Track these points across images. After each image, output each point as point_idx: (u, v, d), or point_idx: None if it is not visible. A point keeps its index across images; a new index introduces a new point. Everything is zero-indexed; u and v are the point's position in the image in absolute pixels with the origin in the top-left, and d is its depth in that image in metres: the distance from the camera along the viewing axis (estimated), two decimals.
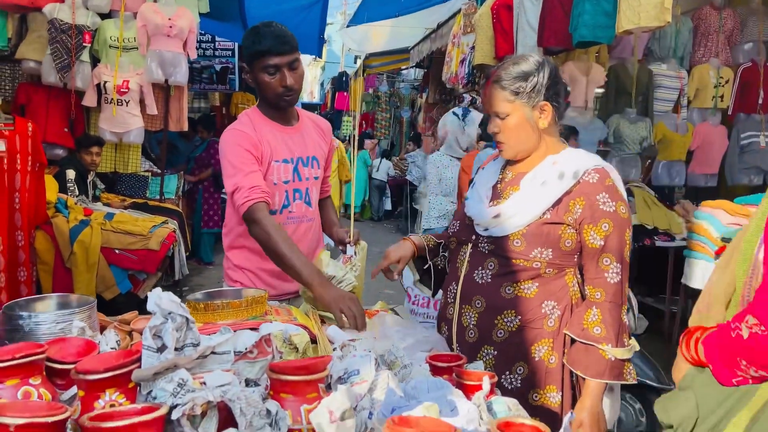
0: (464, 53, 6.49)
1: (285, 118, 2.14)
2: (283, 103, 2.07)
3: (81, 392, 0.89)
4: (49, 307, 1.52)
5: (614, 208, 1.60)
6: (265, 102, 2.10)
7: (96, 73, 5.17)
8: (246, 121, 2.09)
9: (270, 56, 1.95)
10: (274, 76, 1.98)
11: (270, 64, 1.96)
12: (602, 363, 1.57)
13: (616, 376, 1.58)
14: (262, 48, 1.95)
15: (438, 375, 1.34)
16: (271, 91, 2.01)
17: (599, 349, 1.57)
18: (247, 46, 1.99)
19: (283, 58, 1.97)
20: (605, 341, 1.57)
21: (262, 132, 2.06)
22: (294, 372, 0.89)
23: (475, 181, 1.86)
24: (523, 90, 1.63)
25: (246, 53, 2.01)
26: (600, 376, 1.57)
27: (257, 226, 1.90)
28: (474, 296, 1.71)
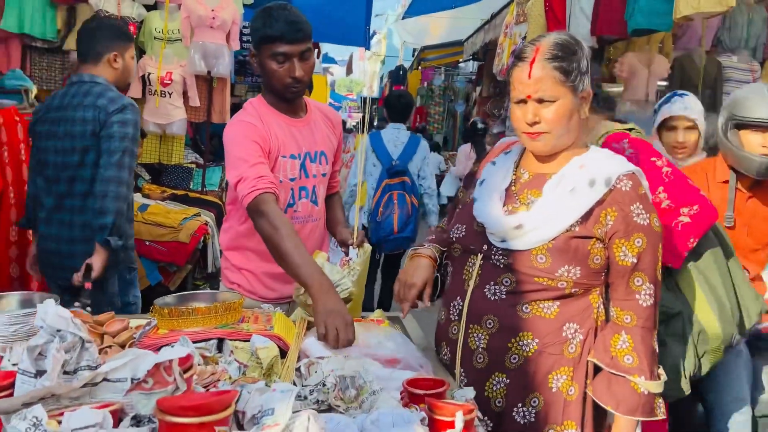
0: (516, 44, 6.20)
1: (293, 109, 2.00)
2: (288, 95, 1.93)
3: None
4: (10, 305, 1.43)
5: (648, 220, 1.39)
6: (271, 91, 1.96)
7: (141, 65, 5.21)
8: (252, 112, 1.95)
9: (280, 43, 1.80)
10: (282, 65, 1.84)
11: (279, 51, 1.81)
12: (635, 398, 1.38)
13: (648, 413, 1.39)
14: (273, 33, 1.80)
15: (415, 402, 1.16)
16: (278, 80, 1.87)
17: (631, 382, 1.37)
18: (257, 28, 1.84)
19: (294, 47, 1.82)
20: (638, 372, 1.37)
21: (269, 124, 1.93)
22: (183, 413, 0.73)
23: (485, 179, 1.61)
24: (575, 70, 1.40)
25: (254, 36, 1.86)
26: (632, 412, 1.38)
27: (264, 219, 1.72)
28: (484, 315, 1.48)
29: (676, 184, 1.96)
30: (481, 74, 9.74)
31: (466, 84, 12.25)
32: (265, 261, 1.97)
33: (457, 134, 11.89)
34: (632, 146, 2.15)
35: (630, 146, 2.16)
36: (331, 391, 1.06)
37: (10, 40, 5.10)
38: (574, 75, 1.40)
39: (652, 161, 2.03)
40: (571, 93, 1.42)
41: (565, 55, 1.40)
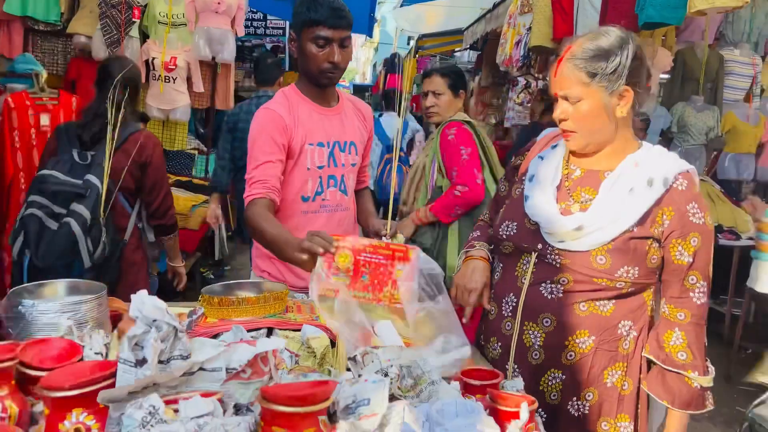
0: (520, 34, 6.19)
1: (324, 98, 2.00)
2: (324, 80, 1.93)
3: (46, 410, 0.78)
4: (57, 292, 1.43)
5: (703, 219, 1.41)
6: (306, 77, 1.97)
7: (145, 49, 5.16)
8: (281, 100, 1.97)
9: (323, 27, 1.82)
10: (323, 48, 1.85)
11: (321, 35, 1.82)
12: (689, 392, 1.41)
13: (699, 406, 1.43)
14: (317, 17, 1.81)
15: (470, 393, 1.19)
16: (316, 64, 1.88)
17: (686, 377, 1.41)
18: (300, 12, 1.84)
19: (336, 32, 1.83)
20: (692, 368, 1.40)
21: (297, 112, 1.93)
22: (289, 402, 0.75)
23: (536, 175, 1.58)
24: (602, 71, 1.39)
25: (297, 20, 1.86)
26: (686, 406, 1.42)
27: (248, 218, 1.80)
28: (541, 313, 1.49)
29: (466, 166, 2.76)
30: (479, 64, 9.72)
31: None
32: None
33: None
34: (455, 133, 2.82)
35: (454, 133, 2.82)
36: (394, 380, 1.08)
37: (12, 23, 5.04)
38: (602, 76, 1.39)
39: (459, 147, 2.79)
40: (600, 93, 1.41)
41: (593, 56, 1.39)
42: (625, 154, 1.47)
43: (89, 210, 2.34)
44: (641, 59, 1.43)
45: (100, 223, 2.36)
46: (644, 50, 1.46)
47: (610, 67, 1.39)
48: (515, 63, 6.32)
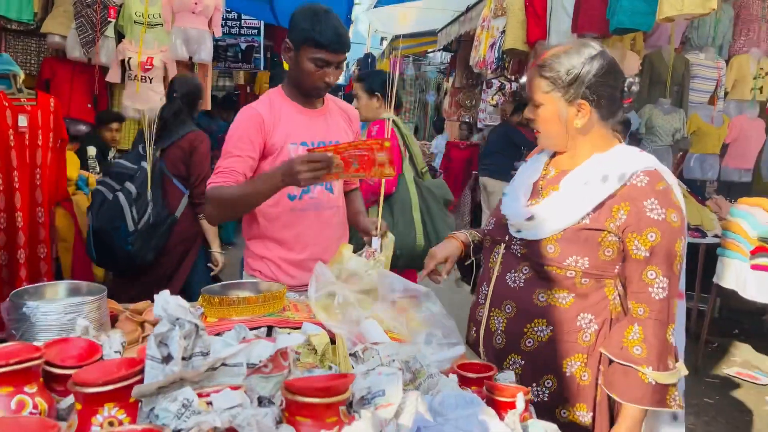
0: (494, 37, 6.31)
1: (309, 101, 2.05)
2: (314, 95, 2.02)
3: (78, 405, 0.82)
4: (58, 294, 1.46)
5: (664, 215, 1.44)
6: (294, 85, 2.02)
7: (120, 49, 5.11)
8: (264, 100, 2.04)
9: (325, 51, 1.87)
10: (320, 69, 1.91)
11: (321, 57, 1.88)
12: (641, 387, 1.42)
13: (657, 402, 1.43)
14: (321, 40, 1.85)
15: (466, 385, 1.25)
16: (310, 81, 1.94)
17: (638, 372, 1.43)
18: (304, 28, 1.87)
19: (335, 57, 1.90)
20: (645, 363, 1.42)
21: (279, 113, 1.99)
22: (313, 394, 0.80)
23: (516, 176, 1.71)
24: (561, 82, 1.48)
25: (299, 34, 1.89)
26: (638, 401, 1.43)
27: (208, 205, 1.94)
28: (505, 300, 1.59)
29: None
30: (453, 65, 9.85)
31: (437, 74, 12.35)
32: (285, 249, 2.03)
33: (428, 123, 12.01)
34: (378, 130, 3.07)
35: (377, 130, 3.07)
36: None
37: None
38: (559, 87, 1.48)
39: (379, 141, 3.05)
40: (558, 102, 1.50)
41: (556, 67, 1.49)
42: (592, 153, 1.56)
43: (136, 187, 3.17)
44: (609, 76, 1.49)
45: (147, 198, 3.15)
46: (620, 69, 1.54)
47: (568, 79, 1.48)
48: (489, 65, 6.44)
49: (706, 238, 4.77)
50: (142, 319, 1.56)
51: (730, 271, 4.12)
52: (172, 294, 0.96)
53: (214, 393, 0.81)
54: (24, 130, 3.53)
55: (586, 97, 1.49)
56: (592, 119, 1.52)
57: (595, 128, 1.55)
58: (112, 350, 1.04)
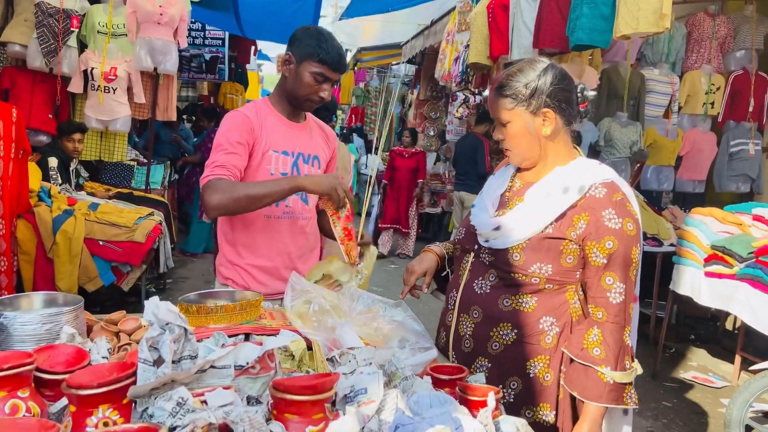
0: (458, 51, 6.45)
1: (294, 114, 2.12)
2: (306, 106, 2.09)
3: (72, 407, 0.84)
4: (34, 305, 1.46)
5: (620, 225, 1.53)
6: (285, 95, 2.08)
7: (83, 59, 5.06)
8: (251, 107, 2.10)
9: (327, 68, 1.99)
10: (319, 84, 2.01)
11: (323, 73, 1.99)
12: (600, 386, 1.51)
13: (614, 400, 1.52)
14: (325, 58, 1.97)
15: (439, 387, 1.30)
16: (306, 93, 2.02)
17: (597, 371, 1.51)
18: (310, 44, 1.98)
19: (335, 75, 2.02)
20: (604, 363, 1.51)
21: (264, 121, 2.05)
22: (300, 392, 0.84)
23: (484, 189, 1.79)
24: (522, 96, 1.58)
25: (303, 49, 1.99)
26: (597, 399, 1.51)
27: (213, 193, 1.84)
28: (472, 306, 1.66)
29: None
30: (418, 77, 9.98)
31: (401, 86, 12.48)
32: (256, 256, 2.06)
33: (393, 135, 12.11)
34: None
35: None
36: None
37: None
38: (526, 100, 1.57)
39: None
40: (523, 115, 1.59)
41: (514, 84, 1.59)
42: (554, 166, 1.65)
43: None
44: (564, 84, 1.60)
45: None
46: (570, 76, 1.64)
47: (528, 92, 1.58)
48: (454, 78, 6.57)
49: (663, 246, 4.94)
50: (117, 329, 1.57)
51: (685, 278, 4.28)
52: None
53: (208, 392, 0.85)
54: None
55: (548, 105, 1.59)
56: (558, 125, 1.62)
57: (560, 134, 1.64)
58: (100, 355, 1.06)
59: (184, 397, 0.81)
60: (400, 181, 8.21)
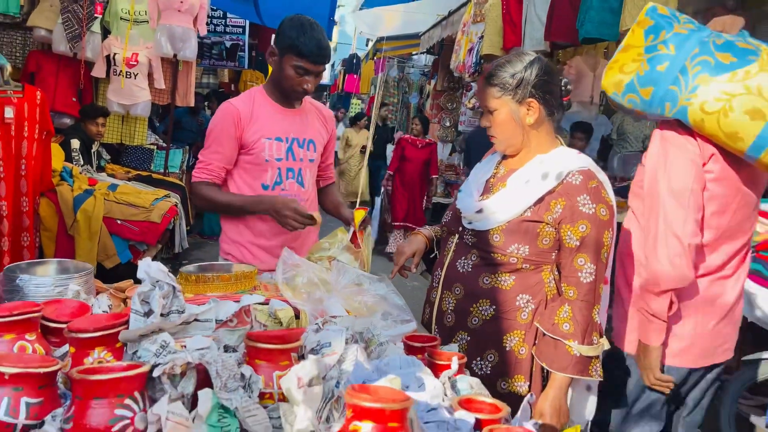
0: (472, 42, 6.49)
1: (288, 101, 2.21)
2: (293, 97, 2.19)
3: (72, 349, 0.96)
4: (48, 271, 1.60)
5: (594, 210, 1.62)
6: (275, 86, 2.18)
7: (106, 45, 5.22)
8: (244, 97, 2.21)
9: (306, 60, 2.04)
10: (300, 77, 2.08)
11: (302, 66, 2.05)
12: (567, 358, 1.61)
13: (580, 372, 1.62)
14: (303, 51, 2.02)
15: (412, 354, 1.41)
16: (290, 86, 2.11)
17: (566, 345, 1.61)
18: (290, 36, 2.04)
19: (315, 67, 2.08)
20: (572, 338, 1.61)
21: (258, 108, 2.15)
22: (268, 341, 0.96)
23: (470, 174, 1.91)
24: (509, 86, 1.68)
25: (284, 42, 2.06)
26: (563, 370, 1.62)
27: (196, 197, 2.18)
28: (455, 283, 1.77)
29: None
30: (436, 68, 10.02)
31: (420, 76, 12.54)
32: (255, 235, 2.19)
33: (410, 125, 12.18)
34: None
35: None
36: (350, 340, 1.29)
37: None
38: (512, 89, 1.67)
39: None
40: (509, 104, 1.69)
41: (501, 74, 1.68)
42: (536, 154, 1.75)
43: None
44: (548, 77, 1.70)
45: None
46: (555, 70, 1.73)
47: (514, 82, 1.68)
48: (468, 69, 6.62)
49: None
50: (124, 296, 1.70)
51: None
52: None
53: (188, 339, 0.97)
54: (10, 121, 3.64)
55: (533, 95, 1.69)
56: (542, 115, 1.71)
57: (543, 124, 1.74)
58: (101, 309, 1.18)
59: (167, 341, 0.93)
60: (412, 174, 7.39)
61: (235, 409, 0.84)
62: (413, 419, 0.85)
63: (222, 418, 0.83)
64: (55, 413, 0.82)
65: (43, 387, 0.84)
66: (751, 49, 1.69)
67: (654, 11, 1.81)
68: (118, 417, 0.78)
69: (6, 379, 0.81)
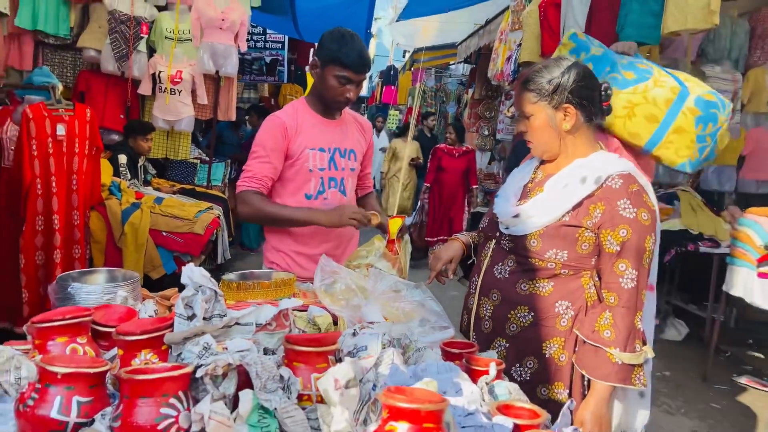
0: (510, 50, 6.47)
1: (329, 112, 2.27)
2: (334, 107, 2.23)
3: (120, 351, 1.00)
4: (98, 279, 1.66)
5: (635, 214, 1.60)
6: (317, 97, 2.23)
7: (152, 63, 5.40)
8: (288, 110, 2.26)
9: (348, 70, 2.09)
10: (343, 86, 2.13)
11: (345, 76, 2.10)
12: (608, 366, 1.58)
13: (622, 380, 1.59)
14: (345, 61, 2.07)
15: (450, 360, 1.41)
16: (332, 96, 2.16)
17: (607, 352, 1.58)
18: (331, 48, 2.09)
19: (357, 77, 2.13)
20: (614, 345, 1.58)
21: (302, 120, 2.20)
22: (306, 343, 0.98)
23: (508, 180, 1.90)
24: (545, 91, 1.67)
25: (325, 53, 2.11)
26: (605, 378, 1.58)
27: (244, 205, 2.16)
28: (492, 289, 1.76)
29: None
30: (473, 77, 10.01)
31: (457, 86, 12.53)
32: (298, 243, 2.23)
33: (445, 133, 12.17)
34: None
35: None
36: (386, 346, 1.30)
37: (23, 36, 5.28)
38: (549, 95, 1.66)
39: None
40: (545, 109, 1.68)
41: (538, 80, 1.68)
42: (574, 158, 1.73)
43: None
44: (587, 82, 1.69)
45: None
46: (595, 76, 1.72)
47: (551, 87, 1.67)
48: (506, 77, 6.59)
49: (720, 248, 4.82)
50: (169, 303, 1.75)
51: (738, 279, 4.19)
52: None
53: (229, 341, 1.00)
54: (62, 138, 3.80)
55: (570, 101, 1.67)
56: (578, 121, 1.70)
57: (581, 129, 1.72)
58: (147, 314, 1.23)
59: (209, 343, 0.96)
60: (449, 185, 7.10)
61: (275, 409, 0.86)
62: (450, 423, 0.86)
63: (262, 418, 0.85)
64: (104, 412, 0.86)
65: (94, 387, 0.88)
66: (647, 69, 2.10)
67: (575, 36, 2.22)
68: (163, 415, 0.81)
69: (59, 378, 0.85)
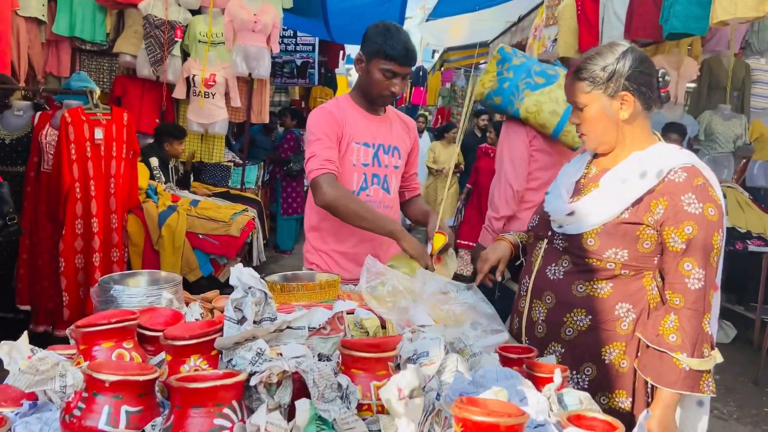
0: (545, 46, 6.34)
1: (373, 108, 2.22)
2: (380, 102, 2.18)
3: (168, 357, 0.96)
4: (139, 282, 1.63)
5: (701, 210, 1.49)
6: (361, 92, 2.19)
7: (186, 67, 5.42)
8: (333, 103, 2.22)
9: (395, 63, 2.05)
10: (388, 80, 2.08)
11: (391, 69, 2.06)
12: (675, 372, 1.47)
13: (690, 387, 1.48)
14: (392, 53, 2.03)
15: (507, 366, 1.33)
16: (378, 89, 2.11)
17: (673, 358, 1.48)
18: (377, 42, 2.05)
19: (403, 69, 2.08)
20: (680, 350, 1.47)
21: (346, 114, 2.16)
22: (365, 349, 0.92)
23: (559, 176, 1.80)
24: (600, 79, 1.56)
25: (371, 47, 2.07)
26: (672, 385, 1.48)
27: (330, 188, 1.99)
28: (545, 291, 1.67)
29: None
30: None
31: None
32: (339, 242, 2.17)
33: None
34: None
35: None
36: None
37: (60, 43, 5.38)
38: (603, 83, 1.55)
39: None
40: (601, 98, 1.57)
41: (591, 67, 1.57)
42: (631, 151, 1.62)
43: None
44: (644, 68, 1.57)
45: None
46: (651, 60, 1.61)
47: (606, 75, 1.56)
48: None
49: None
50: (212, 306, 1.71)
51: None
52: None
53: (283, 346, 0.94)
54: (100, 142, 3.82)
55: (627, 88, 1.56)
56: (637, 109, 1.59)
57: (639, 119, 1.61)
58: (193, 317, 1.18)
59: (263, 348, 0.91)
60: (483, 186, 6.57)
61: (334, 420, 0.80)
62: None
63: (320, 429, 0.79)
64: (154, 422, 0.81)
65: (143, 395, 0.83)
66: (555, 74, 2.84)
67: (502, 50, 2.91)
68: (217, 427, 0.75)
69: (106, 386, 0.80)
